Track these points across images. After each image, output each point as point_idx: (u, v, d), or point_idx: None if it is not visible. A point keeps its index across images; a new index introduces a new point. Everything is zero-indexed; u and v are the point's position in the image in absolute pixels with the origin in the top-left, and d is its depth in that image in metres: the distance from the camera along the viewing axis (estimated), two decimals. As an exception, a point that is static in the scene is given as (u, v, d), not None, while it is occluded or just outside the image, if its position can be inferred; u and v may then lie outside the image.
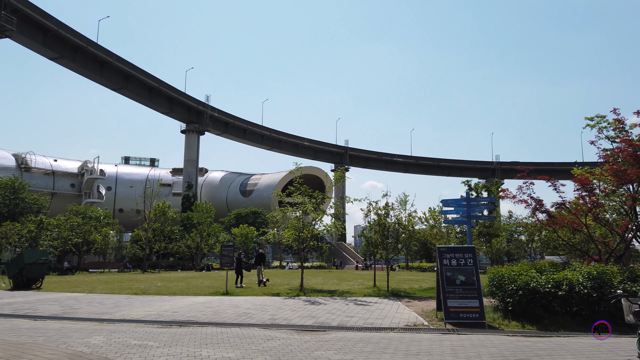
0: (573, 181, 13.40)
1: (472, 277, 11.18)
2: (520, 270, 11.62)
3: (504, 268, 12.35)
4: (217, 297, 17.25)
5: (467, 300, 10.93)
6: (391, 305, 14.83)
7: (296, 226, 19.75)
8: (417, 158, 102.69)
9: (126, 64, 67.07)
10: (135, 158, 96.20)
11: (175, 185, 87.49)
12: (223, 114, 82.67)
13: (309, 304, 14.90)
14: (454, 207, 14.67)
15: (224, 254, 18.85)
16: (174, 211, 46.12)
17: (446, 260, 11.48)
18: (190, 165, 79.06)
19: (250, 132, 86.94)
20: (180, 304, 14.78)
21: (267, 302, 15.40)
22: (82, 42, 61.23)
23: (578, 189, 13.48)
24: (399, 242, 19.70)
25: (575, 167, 14.43)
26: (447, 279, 11.22)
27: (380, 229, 19.52)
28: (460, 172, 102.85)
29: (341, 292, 19.49)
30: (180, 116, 78.42)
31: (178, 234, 55.82)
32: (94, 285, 22.98)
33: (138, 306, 14.17)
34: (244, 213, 64.76)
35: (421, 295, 18.58)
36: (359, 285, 22.83)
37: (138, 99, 72.22)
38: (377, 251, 20.73)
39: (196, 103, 78.34)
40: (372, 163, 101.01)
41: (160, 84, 72.44)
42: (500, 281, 11.63)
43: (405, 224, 19.55)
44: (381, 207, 20.51)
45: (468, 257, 11.44)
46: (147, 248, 46.18)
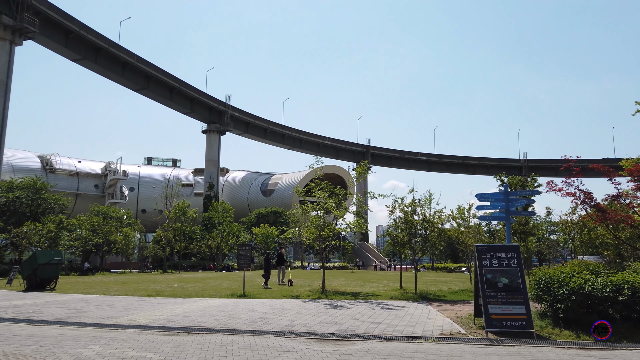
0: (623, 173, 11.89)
1: (516, 280, 9.83)
2: (572, 272, 10.21)
3: (551, 269, 10.94)
4: (234, 299, 16.23)
5: (512, 306, 9.59)
6: (421, 310, 13.55)
7: (317, 224, 18.60)
8: (441, 156, 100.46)
9: (147, 64, 67.13)
10: (157, 159, 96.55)
11: (197, 185, 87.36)
12: (244, 113, 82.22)
13: (330, 307, 13.73)
14: (490, 201, 13.28)
15: (241, 254, 17.84)
16: (193, 211, 45.52)
17: (486, 260, 10.15)
18: (212, 166, 78.78)
19: (271, 131, 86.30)
20: (193, 307, 13.79)
21: (286, 305, 14.29)
22: (104, 44, 61.43)
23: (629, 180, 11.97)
24: (428, 241, 18.34)
25: (605, 163, 12.98)
26: (488, 282, 9.89)
27: (407, 227, 18.22)
28: (486, 170, 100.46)
29: (365, 294, 18.25)
30: (201, 116, 78.23)
31: (199, 234, 55.35)
32: (110, 286, 22.28)
33: (148, 309, 13.23)
34: (264, 213, 63.92)
35: (452, 298, 17.23)
36: (384, 287, 21.56)
37: (159, 100, 72.29)
38: (403, 251, 19.42)
39: (217, 103, 78.05)
40: (395, 162, 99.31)
41: (181, 84, 72.37)
42: (549, 284, 10.24)
43: (434, 222, 18.20)
44: (407, 204, 19.21)
45: (512, 257, 10.09)
46: (167, 248, 45.73)
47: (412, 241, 18.49)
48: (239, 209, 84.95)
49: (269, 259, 22.93)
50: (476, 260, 10.29)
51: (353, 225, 19.54)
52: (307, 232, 19.52)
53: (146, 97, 71.67)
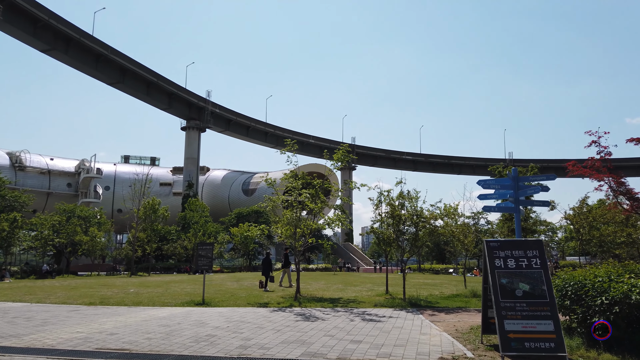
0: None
1: (541, 286, 7.45)
2: (609, 275, 7.88)
3: (580, 271, 8.59)
4: (188, 308, 13.63)
5: (536, 322, 7.19)
6: (412, 321, 11.12)
7: (290, 220, 16.11)
8: (427, 156, 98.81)
9: (122, 57, 63.93)
10: (135, 157, 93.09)
11: (176, 184, 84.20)
12: (225, 110, 79.34)
13: (302, 319, 11.22)
14: (495, 189, 10.96)
15: (201, 255, 15.24)
16: (164, 209, 42.67)
17: (499, 260, 7.75)
18: (191, 164, 75.70)
19: (254, 129, 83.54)
20: (132, 319, 11.16)
21: (248, 316, 11.74)
22: (75, 34, 58.18)
23: None
24: (418, 239, 15.93)
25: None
26: (503, 289, 7.49)
27: (394, 223, 15.81)
28: (471, 170, 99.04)
29: (346, 300, 15.78)
30: (180, 112, 75.14)
31: (175, 235, 52.37)
32: (55, 291, 19.46)
33: (72, 324, 10.56)
34: (245, 212, 61.13)
35: (447, 304, 14.85)
36: (367, 292, 19.12)
37: (136, 94, 69.09)
38: (390, 250, 17.00)
39: (197, 99, 75.02)
40: (381, 161, 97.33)
41: (159, 79, 69.31)
42: (579, 291, 7.89)
43: (426, 216, 15.81)
44: (394, 197, 16.80)
45: (533, 256, 7.70)
46: (138, 249, 42.75)
47: (400, 239, 16.10)
48: (220, 209, 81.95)
49: (269, 261, 20.78)
50: (486, 260, 7.89)
51: (332, 220, 17.08)
52: (281, 229, 17.01)
53: (122, 91, 68.50)
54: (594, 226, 19.36)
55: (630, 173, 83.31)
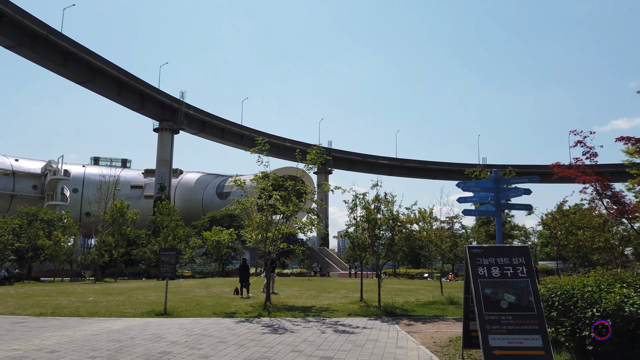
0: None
1: (527, 297, 6.80)
2: (598, 284, 7.31)
3: (569, 280, 8.01)
4: (147, 319, 12.61)
5: (523, 337, 6.53)
6: (387, 333, 10.41)
7: (260, 223, 15.24)
8: (403, 160, 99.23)
9: (92, 55, 61.93)
10: (105, 159, 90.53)
11: (148, 187, 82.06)
12: (199, 112, 77.77)
13: (269, 331, 10.37)
14: (475, 191, 10.38)
15: (164, 260, 14.23)
16: (134, 212, 41.12)
17: (482, 268, 7.08)
18: (163, 166, 73.79)
19: (229, 131, 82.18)
20: (81, 333, 10.12)
21: (211, 328, 10.82)
22: (43, 30, 56.06)
23: None
24: (394, 244, 15.26)
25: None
26: (487, 300, 6.81)
27: (369, 227, 15.11)
28: (446, 175, 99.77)
29: (318, 309, 14.99)
30: (153, 113, 73.27)
31: (144, 239, 50.68)
32: (7, 300, 18.07)
33: (10, 339, 9.46)
34: (218, 216, 59.73)
35: (423, 313, 14.22)
36: (341, 299, 18.37)
37: (106, 94, 67.01)
38: (365, 255, 16.28)
39: (170, 100, 73.28)
40: (357, 165, 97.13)
41: (131, 78, 67.42)
42: (567, 302, 7.29)
43: (402, 220, 15.16)
44: (370, 200, 16.12)
45: (519, 263, 7.06)
46: (105, 254, 41.10)
47: (376, 244, 15.41)
48: (193, 213, 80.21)
49: (246, 267, 19.91)
50: (468, 268, 7.21)
51: (305, 224, 16.28)
52: (251, 233, 16.12)
53: (92, 91, 66.35)
54: (571, 231, 19.14)
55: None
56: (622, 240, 19.38)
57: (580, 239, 18.97)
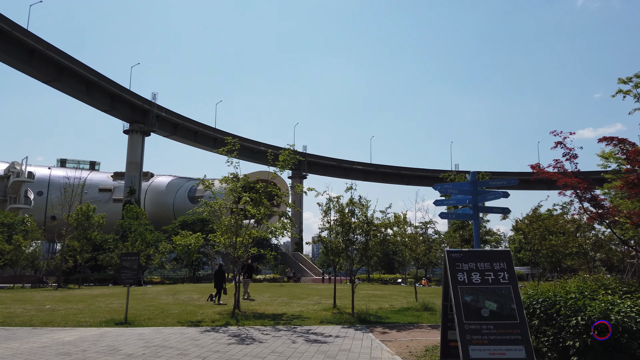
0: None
1: (509, 304, 6.40)
2: (581, 291, 6.97)
3: (550, 286, 7.67)
4: (106, 329, 11.77)
5: (505, 348, 6.12)
6: (361, 342, 9.90)
7: (229, 227, 14.55)
8: (377, 166, 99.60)
9: (59, 53, 59.84)
10: (72, 160, 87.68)
11: (117, 190, 79.82)
12: (172, 114, 76.17)
13: (235, 342, 9.73)
14: (452, 193, 10.01)
15: (125, 266, 13.41)
16: (100, 216, 39.64)
17: (462, 274, 6.66)
18: (133, 169, 71.89)
19: (202, 134, 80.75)
20: (28, 345, 9.27)
21: (173, 339, 10.09)
22: (6, 26, 53.86)
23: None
24: (368, 249, 14.80)
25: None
26: (467, 308, 6.38)
27: (343, 231, 14.62)
28: (419, 181, 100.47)
29: (290, 316, 14.40)
30: (123, 115, 71.36)
31: (112, 243, 48.98)
32: (-45, 309, 16.82)
33: (-53, 353, 8.57)
34: (190, 220, 58.35)
35: (397, 320, 13.78)
36: (314, 306, 17.81)
37: (74, 94, 64.91)
38: (339, 260, 15.78)
39: (141, 101, 71.49)
40: (331, 170, 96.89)
41: (100, 78, 65.50)
42: (550, 309, 6.93)
43: (377, 224, 14.72)
44: (345, 204, 15.63)
45: (501, 269, 6.67)
46: (70, 260, 39.40)
47: (350, 248, 14.93)
48: (164, 217, 78.36)
49: (222, 273, 19.32)
50: (447, 273, 6.78)
51: (277, 228, 15.67)
52: (219, 237, 15.42)
53: (59, 90, 64.13)
54: (545, 236, 19.10)
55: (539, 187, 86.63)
56: (594, 246, 19.50)
57: (555, 244, 18.99)
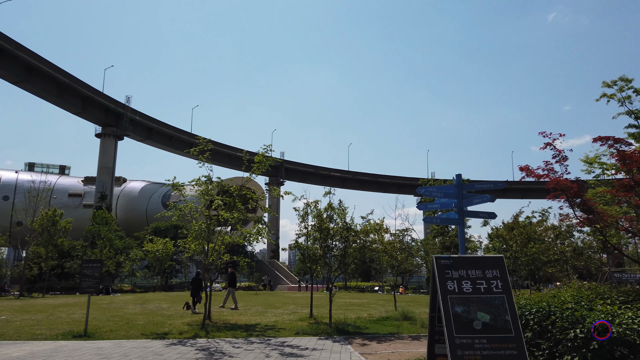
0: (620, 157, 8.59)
1: (503, 316, 5.84)
2: (578, 300, 6.48)
3: (543, 296, 7.17)
4: (62, 342, 10.81)
5: (500, 363, 5.56)
6: (339, 355, 9.24)
7: (199, 233, 13.74)
8: (355, 173, 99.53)
9: (29, 53, 57.79)
10: (41, 165, 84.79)
11: (87, 195, 77.43)
12: (146, 118, 74.42)
13: (203, 357, 8.93)
14: (437, 197, 9.50)
15: (86, 274, 12.45)
16: (67, 221, 38.00)
17: (452, 282, 6.08)
18: (105, 174, 69.81)
19: (177, 139, 79.14)
20: (-31, 363, 8.31)
21: (134, 354, 9.23)
22: (-28, 23, 51.75)
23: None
24: (347, 255, 14.19)
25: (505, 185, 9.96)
26: (458, 320, 5.80)
27: (321, 237, 13.97)
28: (397, 189, 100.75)
29: (264, 327, 13.64)
30: (96, 118, 69.35)
31: (80, 250, 47.12)
32: None
33: None
34: (163, 227, 56.75)
35: (377, 330, 13.16)
36: (289, 315, 17.05)
37: (44, 96, 62.74)
38: (316, 268, 15.11)
39: (114, 104, 69.62)
40: (309, 177, 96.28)
41: (71, 80, 63.50)
42: (544, 321, 6.41)
43: (357, 230, 14.13)
44: (323, 209, 15.00)
45: (493, 277, 6.12)
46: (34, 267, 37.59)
47: (328, 255, 14.29)
48: (137, 223, 76.27)
49: (199, 281, 18.57)
50: (435, 282, 6.19)
51: (251, 233, 14.91)
52: (190, 243, 14.57)
53: (28, 91, 61.84)
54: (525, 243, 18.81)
55: (539, 195, 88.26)
56: (574, 253, 19.35)
57: (536, 251, 18.73)
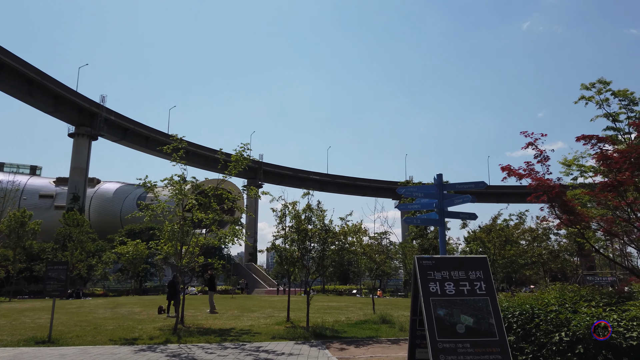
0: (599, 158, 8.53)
1: (487, 319, 5.62)
2: (561, 302, 6.31)
3: (525, 297, 6.99)
4: (23, 349, 10.20)
5: (483, 368, 5.32)
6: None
7: (171, 234, 13.25)
8: (334, 176, 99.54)
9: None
10: (11, 165, 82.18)
11: (59, 196, 75.38)
12: (122, 118, 72.86)
13: (174, 363, 8.51)
14: (418, 197, 9.30)
15: (51, 277, 11.84)
16: (36, 222, 36.74)
17: (435, 284, 5.84)
18: (78, 174, 67.98)
19: (154, 140, 77.68)
20: None
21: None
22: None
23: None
24: (326, 257, 13.88)
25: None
26: (440, 323, 5.55)
27: (299, 238, 13.62)
28: (375, 192, 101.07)
29: (239, 331, 13.21)
30: (69, 117, 67.51)
31: (51, 253, 45.66)
32: None
33: None
34: (138, 229, 55.52)
35: (355, 334, 12.88)
36: (266, 319, 16.64)
37: (14, 94, 60.77)
38: (294, 270, 14.75)
39: (89, 103, 67.90)
40: (287, 180, 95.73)
41: (43, 77, 61.71)
42: (528, 324, 6.22)
43: (336, 232, 13.84)
44: (301, 210, 14.66)
45: (477, 278, 5.90)
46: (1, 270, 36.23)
47: (306, 257, 13.96)
48: (110, 225, 74.62)
49: (175, 283, 17.87)
50: (417, 283, 5.94)
51: (227, 234, 14.46)
52: (164, 244, 14.06)
53: (-4, 88, 59.94)
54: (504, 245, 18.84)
55: (514, 200, 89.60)
56: (551, 256, 19.48)
57: (513, 254, 18.81)
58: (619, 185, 6.64)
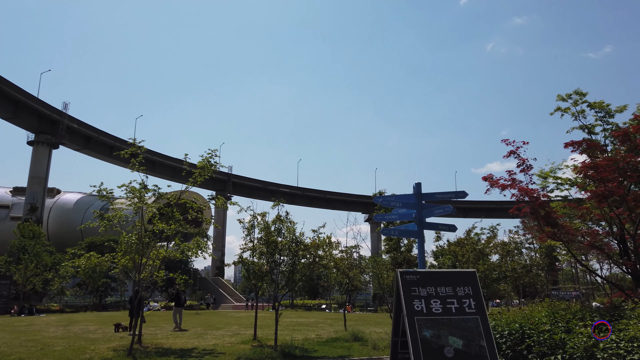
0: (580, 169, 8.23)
1: (478, 341, 5.04)
2: (554, 320, 5.81)
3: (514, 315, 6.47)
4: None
5: (476, 398, 4.73)
6: (285, 384, 8.15)
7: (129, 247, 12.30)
8: (303, 189, 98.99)
9: (-47, 50, 53.30)
10: (-36, 173, 77.95)
11: (16, 207, 71.89)
12: (84, 125, 70.47)
13: (124, 390, 7.60)
14: (395, 206, 8.77)
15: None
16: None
17: (420, 301, 5.24)
18: (37, 184, 65.05)
19: (119, 149, 74.67)
20: None
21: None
22: None
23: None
24: (297, 271, 13.15)
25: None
26: (427, 347, 4.94)
27: (268, 251, 12.86)
28: (345, 206, 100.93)
29: (201, 351, 12.29)
30: (28, 124, 64.74)
31: (3, 266, 43.14)
32: None
33: None
34: (99, 241, 53.28)
35: (326, 353, 12.18)
36: (231, 337, 15.70)
37: (-30, 98, 57.99)
38: (262, 285, 13.93)
39: (50, 110, 65.40)
40: (257, 192, 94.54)
41: (2, 82, 59.19)
42: (519, 345, 5.68)
43: (307, 244, 13.14)
44: (270, 222, 13.92)
45: (466, 295, 5.33)
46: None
47: (275, 271, 13.18)
48: (70, 237, 71.62)
49: (139, 298, 16.74)
50: (400, 300, 5.33)
51: (190, 247, 13.57)
52: (121, 257, 13.05)
53: (-53, 92, 56.98)
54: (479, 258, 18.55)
55: (481, 215, 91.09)
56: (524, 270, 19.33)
57: (487, 268, 18.50)
58: (609, 195, 6.30)
